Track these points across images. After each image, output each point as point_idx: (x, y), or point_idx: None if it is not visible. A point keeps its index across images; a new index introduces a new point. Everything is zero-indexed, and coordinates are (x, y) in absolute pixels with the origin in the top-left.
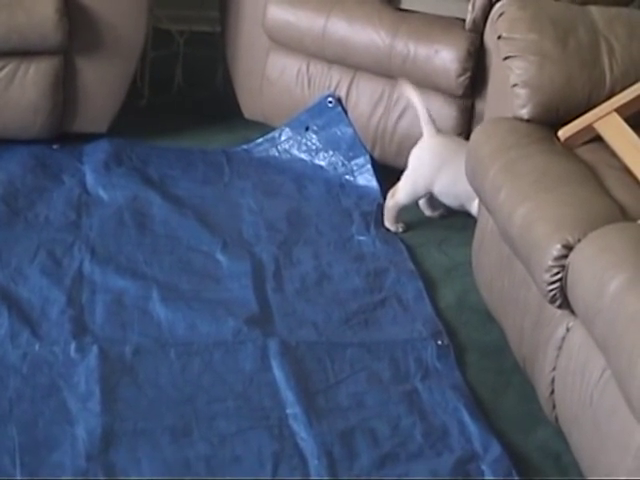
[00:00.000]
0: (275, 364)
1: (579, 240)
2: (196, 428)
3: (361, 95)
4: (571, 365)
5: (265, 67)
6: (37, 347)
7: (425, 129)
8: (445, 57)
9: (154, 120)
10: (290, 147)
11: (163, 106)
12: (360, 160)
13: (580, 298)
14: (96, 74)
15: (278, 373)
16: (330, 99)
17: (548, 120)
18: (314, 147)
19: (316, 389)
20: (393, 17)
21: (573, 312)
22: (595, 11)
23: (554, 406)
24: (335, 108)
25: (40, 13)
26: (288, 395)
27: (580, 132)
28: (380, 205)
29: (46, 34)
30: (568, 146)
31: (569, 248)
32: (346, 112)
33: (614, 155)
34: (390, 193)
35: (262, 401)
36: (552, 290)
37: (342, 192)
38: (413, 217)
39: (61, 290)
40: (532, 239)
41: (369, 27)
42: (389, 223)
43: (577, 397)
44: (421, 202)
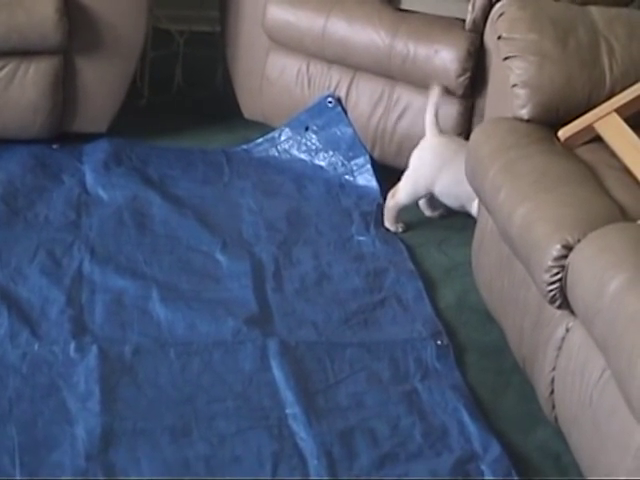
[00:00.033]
0: (275, 364)
1: (579, 240)
2: (196, 428)
3: (361, 95)
4: (571, 365)
5: (265, 67)
6: (36, 347)
7: (428, 129)
8: (445, 57)
9: (154, 120)
10: (290, 147)
11: (163, 106)
12: (360, 160)
13: (580, 298)
14: (96, 74)
15: (278, 373)
16: (330, 99)
17: (548, 120)
18: (314, 147)
19: (316, 389)
20: (393, 17)
21: (573, 312)
22: (595, 11)
23: (554, 406)
24: (335, 108)
25: (40, 13)
26: (288, 395)
27: (580, 132)
28: (380, 205)
29: (46, 34)
30: (568, 146)
31: (569, 248)
32: (346, 112)
33: (614, 155)
34: (391, 193)
35: (262, 401)
36: (552, 290)
37: (342, 192)
38: (413, 217)
39: (61, 290)
40: (532, 239)
41: (369, 27)
42: (389, 223)
43: (577, 397)
44: (421, 202)
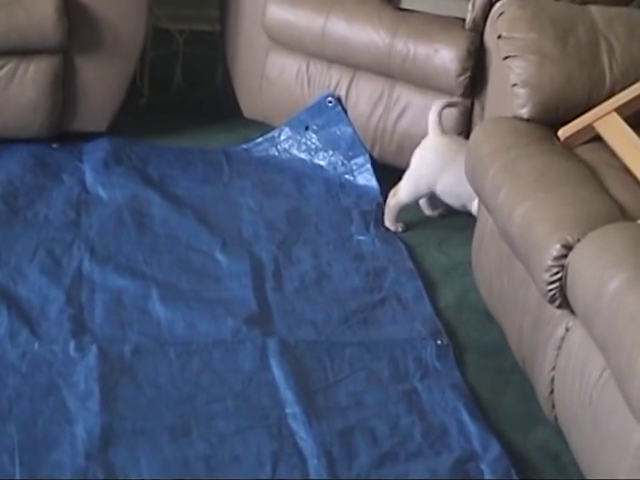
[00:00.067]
0: (274, 363)
1: (578, 240)
2: (195, 427)
3: (361, 94)
4: (570, 365)
5: (265, 66)
6: (36, 346)
7: (431, 129)
8: (445, 56)
9: (154, 119)
10: (290, 146)
11: (163, 105)
12: (360, 159)
13: (580, 298)
14: (96, 73)
15: (277, 372)
16: (330, 98)
17: (548, 120)
18: (314, 146)
19: (315, 388)
20: (393, 16)
21: (573, 312)
22: (595, 10)
23: (553, 406)
24: (335, 107)
25: (40, 12)
26: (287, 394)
27: (580, 132)
28: (380, 204)
29: (46, 33)
30: (568, 146)
31: (569, 248)
32: (346, 111)
33: (614, 155)
34: (392, 192)
35: (261, 400)
36: (551, 290)
37: (342, 191)
38: (413, 217)
39: (60, 289)
40: (532, 239)
41: (369, 26)
42: (389, 222)
43: (576, 397)
44: (421, 202)
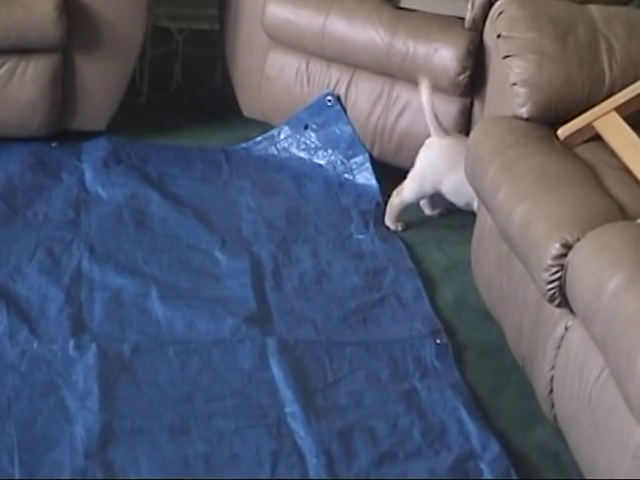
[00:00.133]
0: (274, 362)
1: (578, 239)
2: (194, 426)
3: (360, 93)
4: (570, 364)
5: (264, 65)
6: (35, 345)
7: (432, 130)
8: (444, 56)
9: (153, 118)
10: (289, 145)
11: (162, 104)
12: (359, 158)
13: (579, 297)
14: (95, 72)
15: (277, 372)
16: (329, 97)
17: (547, 119)
18: (313, 145)
19: (315, 388)
20: (392, 15)
21: (572, 311)
22: (594, 10)
23: (553, 405)
24: (334, 106)
25: (39, 10)
26: (287, 394)
27: (579, 131)
28: (379, 203)
29: (45, 31)
30: (567, 145)
31: (568, 247)
32: (345, 110)
33: (613, 154)
34: (396, 191)
35: (261, 400)
36: (551, 289)
37: (341, 191)
38: (412, 216)
39: (60, 288)
40: (531, 238)
41: (368, 25)
42: (390, 221)
43: (576, 396)
44: (421, 201)
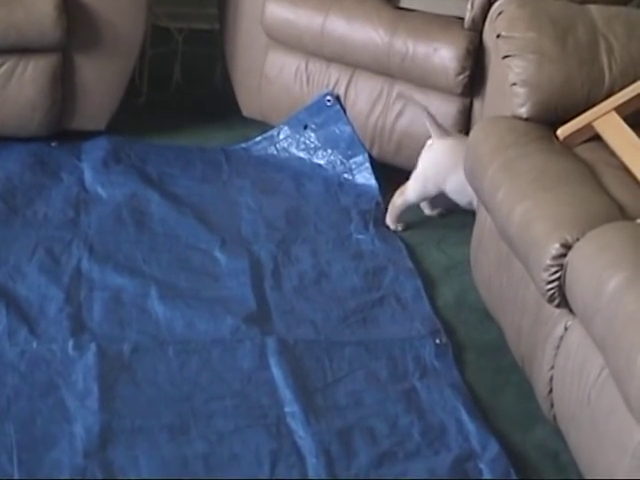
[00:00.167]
0: (273, 362)
1: (578, 239)
2: (194, 426)
3: (360, 93)
4: (569, 364)
5: (264, 65)
6: (35, 345)
7: (433, 133)
8: (444, 55)
9: (153, 118)
10: (289, 145)
11: (162, 104)
12: (359, 158)
13: (579, 297)
14: (95, 71)
15: (276, 371)
16: (329, 97)
17: (547, 119)
18: (312, 145)
19: (314, 387)
20: (392, 15)
21: (571, 311)
22: (594, 10)
23: (552, 405)
24: (334, 106)
25: (39, 10)
26: (286, 393)
27: (579, 131)
28: (379, 203)
29: (45, 31)
30: (567, 145)
31: (568, 247)
32: (344, 110)
33: (613, 154)
34: (399, 191)
35: (260, 399)
36: (550, 289)
37: (341, 190)
38: (412, 216)
39: (59, 288)
40: (531, 238)
41: (368, 25)
42: (391, 221)
43: (575, 396)
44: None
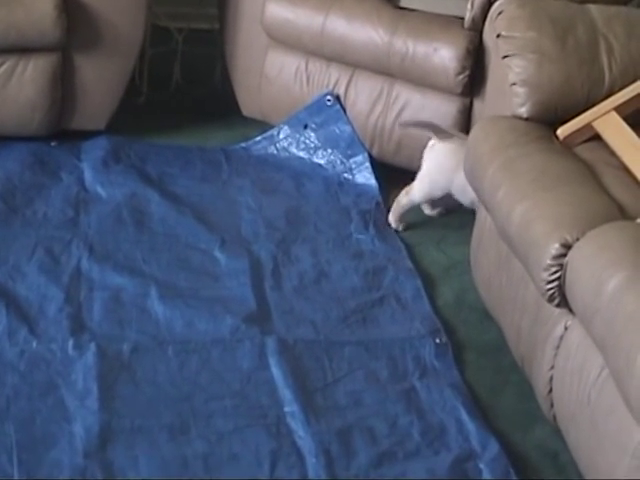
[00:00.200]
0: (273, 362)
1: (577, 239)
2: (194, 426)
3: (360, 93)
4: (569, 364)
5: (264, 65)
6: (35, 344)
7: (436, 137)
8: (444, 55)
9: (152, 117)
10: (289, 145)
11: (161, 103)
12: (359, 158)
13: (578, 297)
14: (94, 71)
15: (276, 371)
16: (329, 97)
17: (547, 119)
18: (312, 145)
19: (314, 387)
20: (392, 15)
21: (571, 311)
22: (594, 10)
23: (552, 405)
24: (334, 106)
25: (39, 10)
26: (286, 393)
27: (579, 131)
28: (378, 203)
29: (45, 31)
30: (567, 145)
31: (567, 247)
32: (345, 110)
33: (613, 154)
34: (404, 191)
35: (260, 399)
36: (550, 289)
37: (341, 190)
38: (412, 216)
39: (59, 287)
40: (530, 238)
41: (368, 25)
42: (394, 219)
43: (575, 396)
44: None
